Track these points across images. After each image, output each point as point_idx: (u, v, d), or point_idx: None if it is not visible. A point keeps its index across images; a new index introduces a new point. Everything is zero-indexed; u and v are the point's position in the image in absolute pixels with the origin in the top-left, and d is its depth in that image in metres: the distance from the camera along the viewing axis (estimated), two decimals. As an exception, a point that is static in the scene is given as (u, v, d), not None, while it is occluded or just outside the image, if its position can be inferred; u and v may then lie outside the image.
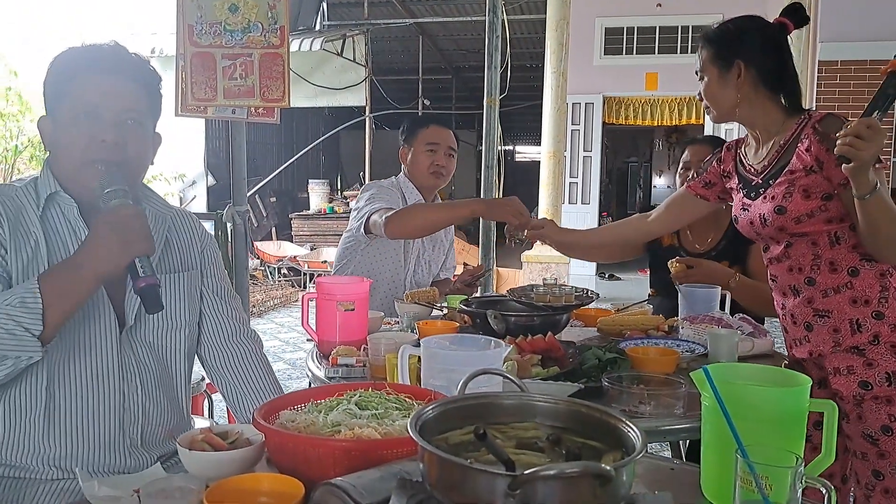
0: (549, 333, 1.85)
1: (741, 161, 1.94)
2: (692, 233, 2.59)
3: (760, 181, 1.84)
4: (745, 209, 1.88)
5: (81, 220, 1.35)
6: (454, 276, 2.99)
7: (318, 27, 10.40)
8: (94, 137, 1.31)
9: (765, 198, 1.81)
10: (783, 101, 1.82)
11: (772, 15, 1.90)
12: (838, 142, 1.54)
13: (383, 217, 2.35)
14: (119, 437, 1.34)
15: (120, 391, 1.35)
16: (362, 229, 2.51)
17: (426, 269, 2.82)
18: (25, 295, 1.16)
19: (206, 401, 3.02)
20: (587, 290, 2.22)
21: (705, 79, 1.87)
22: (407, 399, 1.17)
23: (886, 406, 1.67)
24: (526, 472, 0.74)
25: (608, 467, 0.75)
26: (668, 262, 2.33)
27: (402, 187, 2.71)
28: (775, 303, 1.91)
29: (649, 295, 2.74)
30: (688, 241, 2.60)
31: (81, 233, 1.34)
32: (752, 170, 1.88)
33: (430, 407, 0.94)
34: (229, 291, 1.61)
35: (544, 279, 2.30)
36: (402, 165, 2.77)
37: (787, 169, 1.76)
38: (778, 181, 1.78)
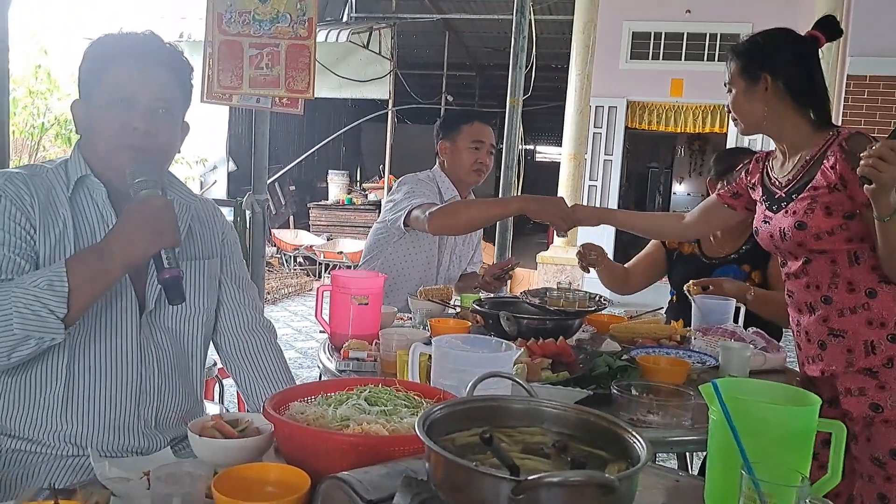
0: (561, 338, 1.86)
1: (767, 173, 1.93)
2: (714, 238, 2.57)
3: (784, 195, 1.83)
4: (766, 221, 1.87)
5: (110, 204, 1.36)
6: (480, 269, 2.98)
7: (345, 19, 10.43)
8: (126, 124, 1.32)
9: (786, 212, 1.80)
10: (812, 115, 1.81)
11: (802, 24, 1.88)
12: (861, 162, 1.53)
13: (426, 212, 2.33)
14: (134, 419, 1.37)
15: (137, 373, 1.38)
16: (400, 222, 2.49)
17: (457, 263, 2.81)
18: (52, 277, 1.19)
19: (216, 385, 3.05)
20: (601, 297, 2.22)
21: (733, 91, 1.86)
22: (416, 397, 1.18)
23: (897, 430, 1.66)
24: (530, 477, 0.75)
25: (612, 477, 0.76)
26: (685, 286, 2.32)
27: (438, 181, 2.68)
28: (790, 319, 1.90)
29: (669, 302, 2.72)
30: (710, 247, 2.58)
31: (109, 217, 1.36)
32: (777, 183, 1.87)
33: (439, 407, 0.94)
34: (246, 280, 1.63)
35: (559, 283, 2.29)
36: (439, 159, 2.74)
37: (810, 185, 1.75)
38: (801, 196, 1.77)
